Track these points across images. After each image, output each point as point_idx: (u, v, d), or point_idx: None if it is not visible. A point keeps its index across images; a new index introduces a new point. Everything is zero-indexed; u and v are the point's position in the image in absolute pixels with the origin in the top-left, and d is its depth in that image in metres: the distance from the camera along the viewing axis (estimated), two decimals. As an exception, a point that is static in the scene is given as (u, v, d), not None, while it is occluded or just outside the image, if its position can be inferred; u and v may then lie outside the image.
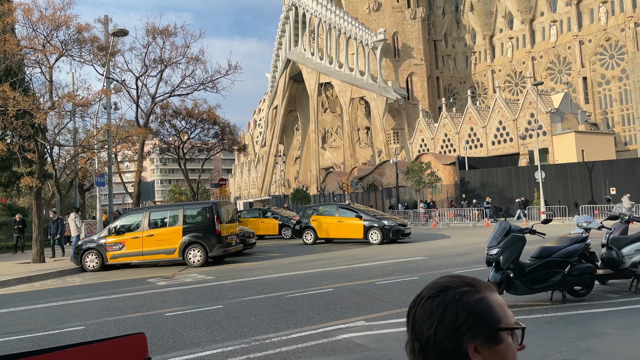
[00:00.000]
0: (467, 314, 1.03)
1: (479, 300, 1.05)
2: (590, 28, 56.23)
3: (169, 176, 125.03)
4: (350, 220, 20.27)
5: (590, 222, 8.24)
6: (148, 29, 24.07)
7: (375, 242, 19.59)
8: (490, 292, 1.09)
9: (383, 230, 19.51)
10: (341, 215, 20.63)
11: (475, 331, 1.02)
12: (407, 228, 20.34)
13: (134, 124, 26.04)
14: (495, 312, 1.04)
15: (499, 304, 1.07)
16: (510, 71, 64.65)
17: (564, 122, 46.98)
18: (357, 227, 20.01)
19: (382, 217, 20.45)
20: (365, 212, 20.52)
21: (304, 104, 76.90)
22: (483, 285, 1.10)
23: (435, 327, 1.03)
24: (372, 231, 19.70)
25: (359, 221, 20.01)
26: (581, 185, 36.33)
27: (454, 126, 54.95)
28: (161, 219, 16.08)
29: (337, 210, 21.00)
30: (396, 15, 65.67)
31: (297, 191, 54.01)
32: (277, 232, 26.15)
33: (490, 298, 1.07)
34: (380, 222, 19.78)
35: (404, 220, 21.69)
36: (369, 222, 19.86)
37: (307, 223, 21.30)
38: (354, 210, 20.69)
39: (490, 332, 1.03)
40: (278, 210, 29.62)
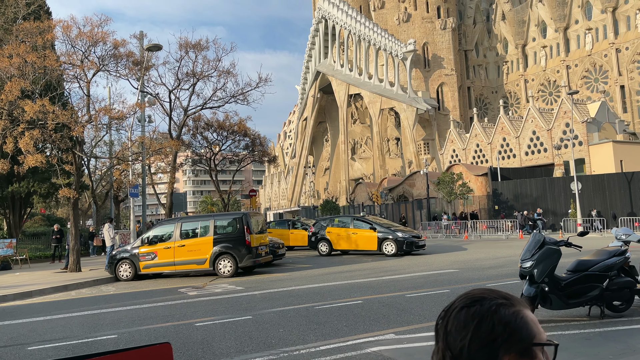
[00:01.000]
0: (503, 326, 1.01)
1: (515, 313, 1.05)
2: (627, 35, 54.70)
3: (201, 187, 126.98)
4: (365, 232, 20.59)
5: (630, 234, 7.95)
6: (181, 43, 24.68)
7: (390, 253, 19.79)
8: (524, 307, 1.09)
9: (397, 241, 19.74)
10: (355, 227, 20.98)
11: (510, 344, 1.01)
12: (421, 240, 20.47)
13: (167, 136, 26.61)
14: (530, 327, 1.03)
15: (532, 319, 1.07)
16: (544, 80, 63.39)
17: (601, 131, 45.64)
18: (371, 238, 20.29)
19: (396, 229, 20.67)
20: (379, 224, 20.81)
21: (334, 116, 77.12)
22: (517, 300, 1.10)
23: (470, 337, 1.02)
24: (387, 243, 19.95)
25: (373, 233, 20.30)
26: (620, 197, 35.13)
27: (486, 136, 54.08)
28: (192, 230, 16.31)
29: (351, 222, 21.36)
30: (426, 25, 65.41)
31: (327, 202, 54.01)
32: (306, 244, 26.15)
33: (525, 312, 1.07)
34: (394, 234, 20.03)
35: (418, 232, 21.77)
36: (383, 234, 20.14)
37: (322, 234, 21.65)
38: (367, 222, 20.97)
39: (525, 346, 1.01)
40: (307, 221, 29.68)
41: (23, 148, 16.07)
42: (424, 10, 65.60)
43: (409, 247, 19.71)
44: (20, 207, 29.01)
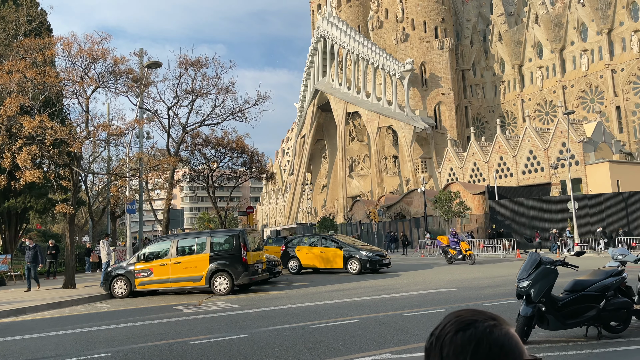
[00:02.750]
0: (499, 347, 1.04)
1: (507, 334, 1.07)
2: (623, 57, 55.39)
3: (198, 204, 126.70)
4: (332, 250, 21.22)
5: (626, 254, 7.95)
6: (180, 61, 24.88)
7: (354, 271, 20.46)
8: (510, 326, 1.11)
9: (361, 260, 20.43)
10: (324, 245, 21.65)
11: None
12: (385, 258, 21.18)
13: (165, 153, 26.66)
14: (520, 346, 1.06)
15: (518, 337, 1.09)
16: (541, 100, 63.93)
17: (597, 151, 45.90)
18: (337, 257, 20.98)
19: (361, 248, 21.33)
20: (346, 243, 21.46)
21: (332, 133, 77.44)
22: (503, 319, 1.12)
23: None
24: (351, 261, 20.68)
25: (340, 251, 20.99)
26: (617, 217, 35.19)
27: (483, 155, 54.32)
28: (189, 247, 16.23)
29: (320, 241, 22.07)
30: (424, 45, 66.14)
31: (324, 220, 53.93)
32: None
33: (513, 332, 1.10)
34: (359, 253, 20.69)
35: (382, 251, 22.21)
36: (349, 253, 20.83)
37: (292, 253, 22.09)
38: (335, 241, 21.64)
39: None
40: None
41: (21, 164, 16.06)
42: (422, 30, 66.41)
43: (373, 265, 20.48)
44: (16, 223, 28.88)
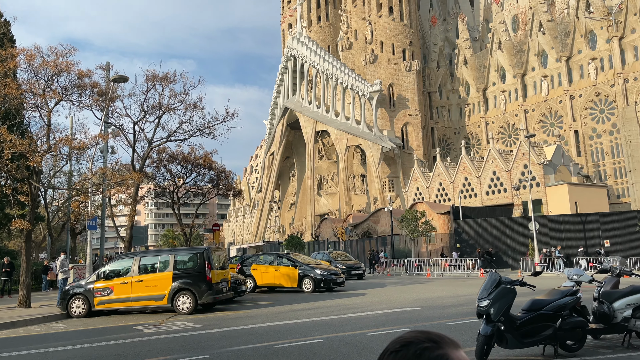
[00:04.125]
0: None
1: (440, 356, 1.08)
2: (581, 83, 57.80)
3: (163, 220, 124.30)
4: (287, 269, 21.42)
5: (581, 275, 8.21)
6: (148, 75, 24.61)
7: (308, 290, 20.74)
8: (453, 349, 1.12)
9: (315, 279, 20.76)
10: (279, 264, 21.81)
11: None
12: (339, 277, 21.61)
13: (129, 168, 26.16)
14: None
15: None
16: (504, 123, 65.89)
17: (556, 173, 47.47)
18: (292, 275, 21.19)
19: (316, 267, 21.62)
20: (301, 262, 21.71)
21: (301, 151, 77.64)
22: (447, 342, 1.13)
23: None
24: (306, 280, 20.95)
25: (295, 270, 21.21)
26: (575, 237, 36.31)
27: (449, 176, 55.40)
28: (151, 265, 15.87)
29: (275, 260, 22.27)
30: (392, 67, 67.46)
31: (292, 237, 53.67)
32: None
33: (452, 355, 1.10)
34: (314, 272, 20.99)
35: (337, 270, 22.65)
36: (303, 271, 21.09)
37: (247, 272, 22.05)
38: (291, 260, 21.88)
39: None
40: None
41: (-24, 177, 15.49)
42: (390, 52, 67.78)
43: (327, 284, 20.87)
44: (-31, 238, 27.64)
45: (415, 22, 70.40)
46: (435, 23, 74.46)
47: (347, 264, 29.76)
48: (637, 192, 50.40)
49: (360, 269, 30.42)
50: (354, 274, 29.58)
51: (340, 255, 32.36)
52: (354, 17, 72.15)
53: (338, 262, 29.38)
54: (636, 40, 52.54)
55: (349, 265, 29.73)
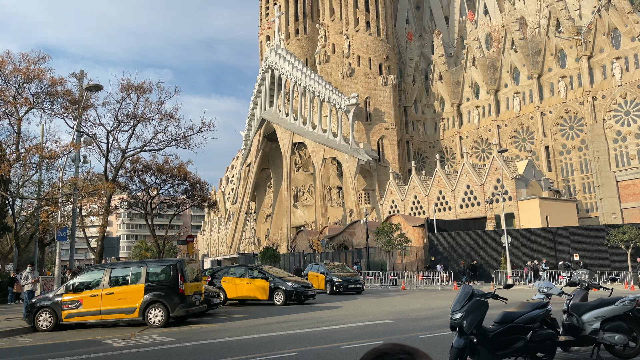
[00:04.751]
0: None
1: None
2: (551, 100, 59.38)
3: (136, 231, 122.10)
4: (258, 281, 21.29)
5: (551, 287, 8.35)
6: (123, 84, 24.32)
7: (279, 303, 20.64)
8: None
9: (286, 291, 20.68)
10: (250, 277, 21.69)
11: None
12: (310, 290, 21.58)
13: (102, 178, 25.69)
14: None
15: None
16: (477, 138, 67.10)
17: (528, 188, 48.46)
18: (263, 288, 21.07)
19: (287, 279, 21.56)
20: (272, 274, 21.63)
21: (277, 163, 77.52)
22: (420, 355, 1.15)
23: None
24: (277, 292, 20.86)
25: (266, 283, 21.09)
26: (546, 250, 37.02)
27: (424, 189, 56.00)
28: (123, 277, 15.56)
29: (247, 272, 22.11)
30: (368, 81, 68.21)
31: (267, 250, 53.33)
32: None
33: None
34: (285, 284, 20.92)
35: (308, 282, 22.64)
36: (275, 284, 20.97)
37: (218, 284, 21.82)
38: (262, 272, 21.78)
39: None
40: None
41: (-60, 185, 14.97)
42: (367, 66, 68.56)
43: (298, 296, 20.79)
44: None
45: (391, 37, 71.45)
46: (411, 39, 75.71)
47: (343, 277, 27.32)
48: (605, 207, 51.78)
49: (359, 282, 27.57)
50: (352, 287, 26.87)
51: (336, 267, 29.75)
52: (332, 31, 72.87)
53: (333, 274, 27.37)
54: (604, 60, 54.34)
55: (345, 278, 27.15)
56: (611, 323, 8.06)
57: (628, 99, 51.71)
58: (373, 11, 69.32)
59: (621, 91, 52.07)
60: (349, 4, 69.54)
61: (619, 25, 52.91)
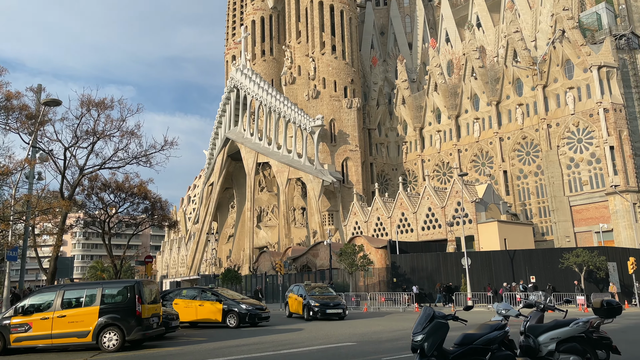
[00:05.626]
0: None
1: None
2: (509, 127, 61.52)
3: (92, 251, 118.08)
4: (211, 304, 21.04)
5: (509, 309, 8.52)
6: (83, 100, 23.74)
7: (232, 325, 20.43)
8: None
9: (240, 314, 20.48)
10: (203, 299, 21.37)
11: None
12: (265, 312, 21.38)
13: (57, 196, 24.82)
14: None
15: None
16: (439, 161, 68.61)
17: (487, 211, 49.68)
18: (216, 310, 20.82)
19: (240, 302, 21.29)
20: (226, 296, 21.38)
21: (241, 182, 76.90)
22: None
23: None
24: (230, 314, 20.61)
25: (219, 305, 20.84)
26: (504, 273, 37.84)
27: (386, 211, 56.59)
28: (76, 299, 14.94)
29: (199, 294, 21.74)
30: (333, 103, 69.03)
31: (228, 271, 52.44)
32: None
33: None
34: (239, 306, 20.73)
35: (262, 305, 22.48)
36: (228, 306, 20.75)
37: (169, 306, 21.33)
38: (215, 294, 21.49)
39: None
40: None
41: None
42: (332, 89, 69.47)
43: (252, 319, 20.63)
44: None
45: (356, 62, 72.80)
46: (375, 63, 77.35)
47: (322, 300, 23.97)
48: (559, 230, 53.59)
49: (340, 306, 24.07)
50: (331, 313, 23.56)
51: (318, 288, 26.31)
52: (298, 53, 73.65)
53: (312, 297, 24.21)
54: (558, 89, 56.87)
55: (324, 302, 23.76)
56: (566, 344, 8.27)
57: (580, 127, 54.13)
58: (339, 35, 70.58)
59: (574, 119, 54.49)
60: (315, 27, 70.62)
61: (572, 56, 55.64)
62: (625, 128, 51.56)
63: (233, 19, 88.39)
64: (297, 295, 25.35)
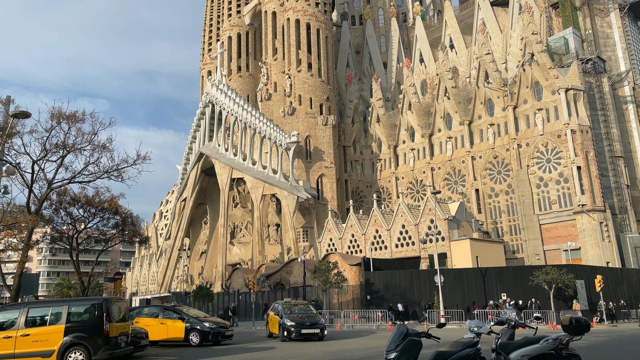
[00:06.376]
0: None
1: None
2: (480, 146, 62.77)
3: (58, 268, 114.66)
4: (173, 322, 20.86)
5: (481, 327, 8.58)
6: (53, 113, 23.25)
7: (195, 344, 20.26)
8: None
9: (203, 332, 20.34)
10: (165, 317, 21.19)
11: None
12: (228, 330, 21.22)
13: (23, 210, 24.10)
14: None
15: None
16: (412, 179, 69.37)
17: (460, 229, 50.29)
18: (178, 328, 20.62)
19: (204, 320, 21.16)
20: (188, 315, 21.23)
21: (215, 198, 76.11)
22: None
23: None
24: (193, 333, 20.46)
25: (181, 323, 20.66)
26: (476, 290, 38.23)
27: (361, 228, 56.73)
28: (41, 317, 14.46)
29: (161, 312, 21.56)
30: (309, 120, 69.34)
31: (200, 288, 51.51)
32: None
33: None
34: (202, 324, 20.60)
35: (225, 323, 22.35)
36: (191, 324, 20.59)
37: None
38: (177, 312, 21.32)
39: None
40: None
41: None
42: (308, 106, 69.83)
43: (215, 337, 20.49)
44: None
45: (332, 79, 73.49)
46: (351, 82, 78.23)
47: (298, 319, 22.29)
48: (529, 248, 54.58)
49: (317, 325, 22.15)
50: (307, 333, 21.77)
51: (297, 306, 24.87)
52: (274, 70, 73.97)
53: (287, 316, 22.60)
54: (528, 110, 58.44)
55: (300, 322, 22.07)
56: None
57: (549, 148, 55.60)
58: (315, 53, 71.25)
59: (543, 140, 55.96)
60: (292, 45, 71.15)
61: (541, 79, 57.38)
62: (592, 149, 53.19)
63: (210, 34, 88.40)
64: (274, 314, 24.33)
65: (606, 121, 56.49)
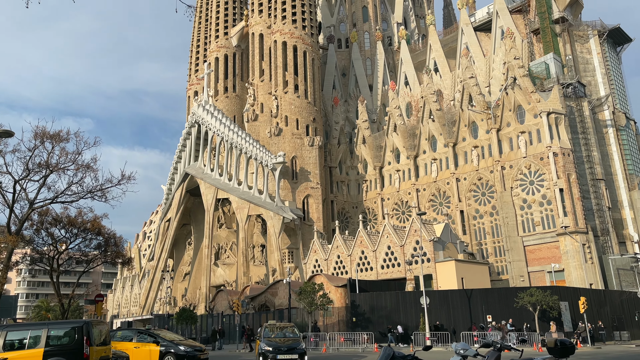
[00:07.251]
0: None
1: None
2: (465, 168, 63.46)
3: (38, 290, 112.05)
4: (147, 345, 20.73)
5: (467, 349, 8.57)
6: (37, 132, 23.03)
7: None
8: None
9: (178, 355, 20.25)
10: (139, 340, 21.05)
11: None
12: (203, 353, 21.12)
13: (3, 230, 23.64)
14: None
15: None
16: (398, 200, 69.66)
17: (445, 250, 50.43)
18: (153, 352, 20.49)
19: (179, 343, 21.15)
20: (164, 338, 21.20)
21: (199, 218, 75.44)
22: None
23: None
24: (168, 356, 20.34)
25: (156, 347, 20.54)
26: (462, 312, 38.19)
27: (346, 249, 56.58)
28: (19, 340, 14.07)
29: (135, 336, 21.41)
30: (295, 141, 69.58)
31: (183, 310, 50.68)
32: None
33: None
34: (177, 348, 20.52)
35: (201, 346, 22.33)
36: (165, 348, 20.51)
37: None
38: (152, 336, 21.24)
39: None
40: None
41: None
42: (294, 127, 70.14)
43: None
44: None
45: (318, 101, 74.06)
46: (337, 103, 78.95)
47: (275, 343, 21.06)
48: (514, 270, 54.87)
49: (296, 350, 20.70)
50: (282, 359, 20.36)
51: (281, 329, 23.76)
52: (261, 91, 74.37)
53: (264, 340, 21.46)
54: (511, 133, 59.40)
55: (277, 346, 20.73)
56: (522, 384, 8.35)
57: (532, 170, 56.41)
58: (301, 75, 71.89)
59: (526, 162, 56.79)
60: (279, 66, 71.75)
61: (523, 102, 58.51)
62: (574, 171, 54.08)
63: (197, 55, 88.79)
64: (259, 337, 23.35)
65: (587, 144, 57.63)
